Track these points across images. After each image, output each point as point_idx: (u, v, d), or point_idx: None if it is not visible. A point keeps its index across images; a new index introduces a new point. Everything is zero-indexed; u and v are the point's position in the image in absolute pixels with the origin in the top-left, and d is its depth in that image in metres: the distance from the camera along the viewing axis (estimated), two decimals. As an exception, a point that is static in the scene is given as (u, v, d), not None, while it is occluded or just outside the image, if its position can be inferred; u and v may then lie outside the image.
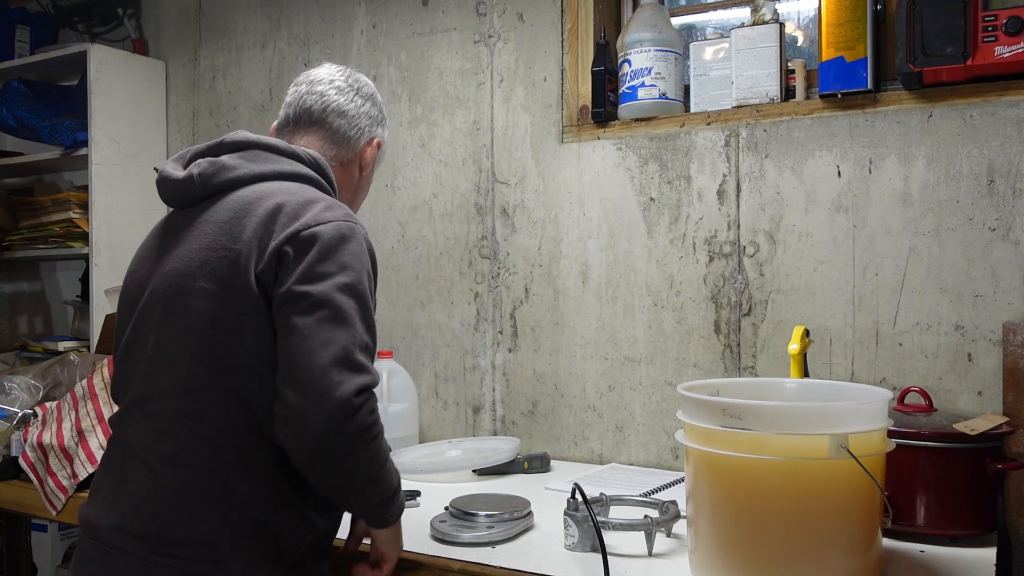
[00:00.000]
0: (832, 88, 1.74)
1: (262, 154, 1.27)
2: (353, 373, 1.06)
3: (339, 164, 1.40)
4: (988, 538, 1.38)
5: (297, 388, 1.06)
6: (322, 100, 1.39)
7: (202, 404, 1.13)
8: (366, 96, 1.44)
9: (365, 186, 1.49)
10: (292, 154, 1.29)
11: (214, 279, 1.14)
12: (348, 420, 1.05)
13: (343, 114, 1.40)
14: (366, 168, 1.45)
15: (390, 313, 2.34)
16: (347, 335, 1.08)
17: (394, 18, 2.35)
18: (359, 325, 1.10)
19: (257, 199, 1.19)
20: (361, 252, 1.16)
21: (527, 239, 2.13)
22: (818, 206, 1.79)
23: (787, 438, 1.10)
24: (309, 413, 1.05)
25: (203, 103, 2.73)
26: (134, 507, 1.13)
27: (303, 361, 1.06)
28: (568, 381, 2.07)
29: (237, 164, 1.24)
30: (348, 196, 1.43)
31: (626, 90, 1.99)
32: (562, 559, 1.31)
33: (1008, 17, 1.54)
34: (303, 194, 1.20)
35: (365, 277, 1.15)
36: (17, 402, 2.00)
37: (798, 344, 1.49)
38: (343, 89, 1.41)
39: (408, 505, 1.62)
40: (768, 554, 1.12)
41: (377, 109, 1.46)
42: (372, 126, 1.44)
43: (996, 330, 1.62)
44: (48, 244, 2.75)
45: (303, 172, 1.28)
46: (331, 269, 1.11)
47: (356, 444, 1.08)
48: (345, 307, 1.09)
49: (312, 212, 1.16)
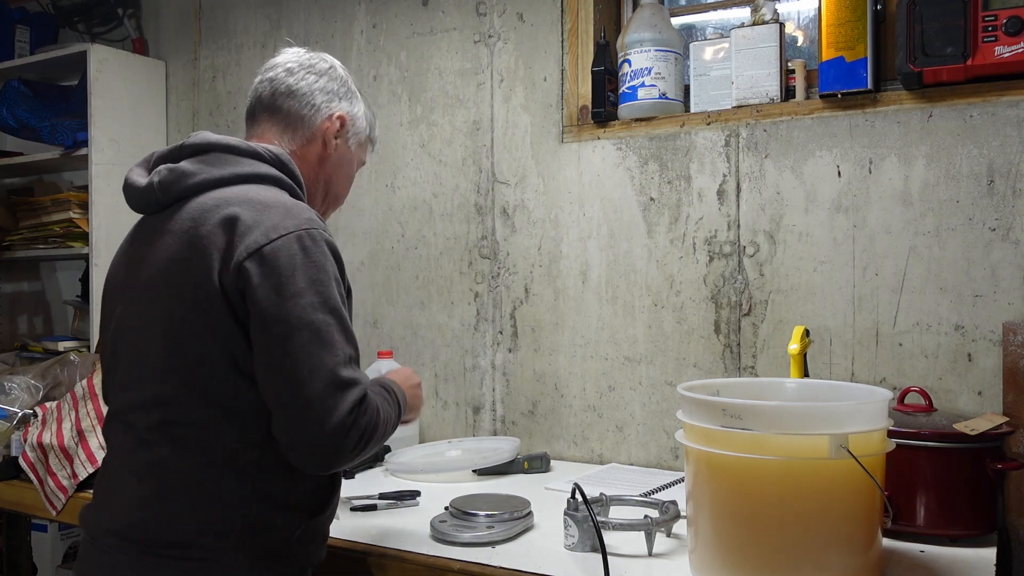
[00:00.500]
0: (832, 88, 1.74)
1: (222, 156, 1.24)
2: (343, 392, 1.09)
3: (300, 147, 1.34)
4: (988, 538, 1.38)
5: (293, 418, 1.09)
6: (271, 85, 1.34)
7: (179, 413, 1.14)
8: (320, 72, 1.36)
9: (341, 168, 1.40)
10: (252, 153, 1.25)
11: (177, 290, 1.15)
12: (346, 437, 1.09)
13: (292, 94, 1.33)
14: (330, 145, 1.36)
15: (390, 313, 2.34)
16: (331, 355, 1.09)
17: (394, 18, 2.35)
18: (339, 339, 1.11)
19: (215, 207, 1.16)
20: (325, 260, 1.14)
21: (527, 239, 2.13)
22: (818, 206, 1.79)
23: (787, 438, 1.10)
24: (309, 442, 1.09)
25: (203, 103, 2.73)
26: (124, 513, 1.17)
27: (295, 391, 1.08)
28: (568, 381, 2.07)
29: (196, 170, 1.22)
30: (320, 181, 1.37)
31: (626, 90, 1.98)
32: (562, 559, 1.31)
33: (1008, 17, 1.54)
34: (262, 199, 1.17)
35: (334, 285, 1.14)
36: (17, 402, 2.00)
37: (798, 344, 1.48)
38: (293, 70, 1.35)
39: (408, 505, 1.63)
40: (768, 554, 1.12)
41: (337, 83, 1.37)
42: (330, 101, 1.36)
43: (996, 330, 1.62)
44: (48, 244, 2.75)
45: (264, 172, 1.24)
46: (301, 286, 1.10)
47: (360, 449, 1.12)
48: (324, 327, 1.10)
49: (271, 221, 1.13)
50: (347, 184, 1.44)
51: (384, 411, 1.18)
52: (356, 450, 1.11)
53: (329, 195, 1.41)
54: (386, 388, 1.26)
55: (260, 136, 1.35)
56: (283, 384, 1.09)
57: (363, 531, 1.46)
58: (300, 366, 1.08)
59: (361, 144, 1.43)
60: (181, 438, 1.14)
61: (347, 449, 1.09)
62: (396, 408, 1.25)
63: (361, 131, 1.42)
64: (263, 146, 1.27)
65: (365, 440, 1.11)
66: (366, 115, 1.43)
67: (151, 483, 1.15)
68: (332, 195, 1.41)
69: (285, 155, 1.28)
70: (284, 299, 1.09)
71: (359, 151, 1.43)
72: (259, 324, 1.11)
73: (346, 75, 1.41)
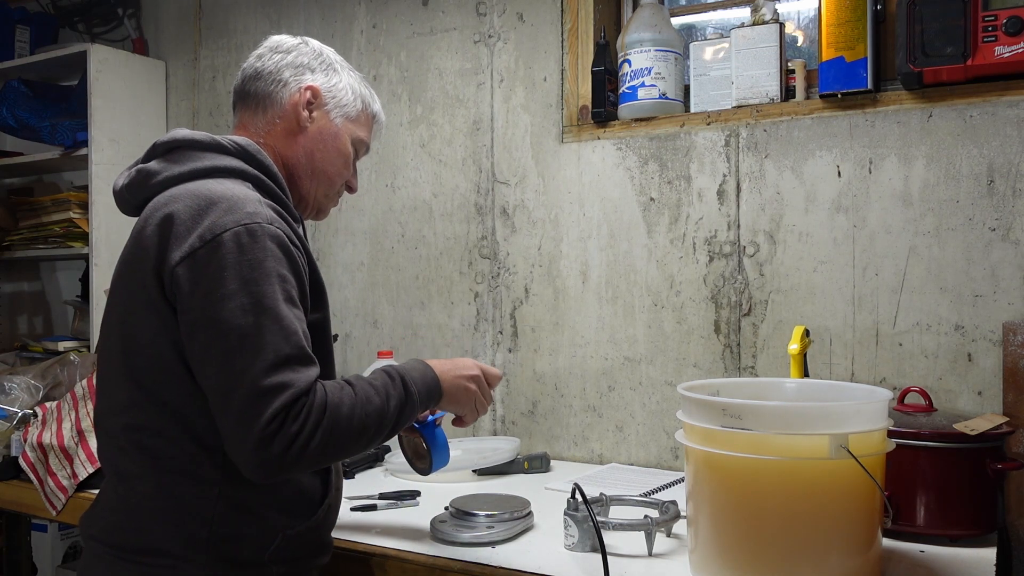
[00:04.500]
0: (832, 88, 1.74)
1: (185, 153, 1.21)
2: (264, 399, 1.02)
3: (272, 127, 1.30)
4: (988, 538, 1.38)
5: (223, 427, 1.06)
6: (241, 74, 1.33)
7: (140, 418, 1.14)
8: (288, 49, 1.32)
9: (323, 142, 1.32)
10: (215, 147, 1.21)
11: (128, 295, 1.15)
12: (269, 447, 1.01)
13: (258, 76, 1.30)
14: (302, 117, 1.29)
15: (390, 313, 2.34)
16: (256, 360, 1.03)
17: (394, 18, 2.35)
18: (271, 341, 1.04)
19: (162, 205, 1.13)
20: (265, 256, 1.07)
21: (527, 239, 2.13)
22: (818, 206, 1.79)
23: (787, 438, 1.10)
24: (238, 452, 1.05)
25: (203, 103, 2.73)
26: (103, 517, 1.18)
27: (221, 401, 1.05)
28: (568, 381, 2.07)
29: (160, 168, 1.20)
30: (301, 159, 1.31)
31: (626, 90, 1.98)
32: (562, 559, 1.31)
33: (1008, 17, 1.54)
34: (208, 195, 1.11)
35: (275, 283, 1.07)
36: (17, 402, 2.00)
37: (798, 344, 1.49)
38: (262, 55, 1.32)
39: (408, 505, 1.63)
40: (768, 554, 1.12)
41: (308, 57, 1.32)
42: (298, 75, 1.30)
43: (996, 330, 1.62)
44: (48, 244, 2.75)
45: (224, 165, 1.19)
46: (231, 288, 1.05)
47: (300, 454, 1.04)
48: (250, 330, 1.04)
49: (208, 220, 1.08)
50: (339, 160, 1.34)
51: (352, 404, 1.09)
52: (292, 457, 1.03)
53: (317, 173, 1.32)
54: (389, 373, 1.18)
55: (238, 126, 1.33)
56: (213, 394, 1.06)
57: (363, 531, 1.46)
58: (223, 374, 1.04)
59: (353, 119, 1.35)
60: (145, 444, 1.13)
61: (275, 459, 1.02)
62: (400, 394, 1.16)
63: (347, 104, 1.34)
64: (229, 138, 1.23)
65: (301, 444, 1.03)
66: (353, 87, 1.35)
67: (122, 489, 1.16)
68: (321, 174, 1.33)
69: (253, 145, 1.23)
70: (211, 304, 1.05)
71: (352, 126, 1.35)
72: (188, 332, 1.08)
73: (323, 49, 1.35)
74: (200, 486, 1.12)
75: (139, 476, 1.14)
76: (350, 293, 2.40)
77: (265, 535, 1.16)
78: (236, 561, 1.14)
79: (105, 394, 1.21)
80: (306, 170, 1.31)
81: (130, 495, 1.15)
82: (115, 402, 1.17)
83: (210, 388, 1.07)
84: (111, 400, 1.19)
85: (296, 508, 1.19)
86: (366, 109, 1.38)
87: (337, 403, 1.08)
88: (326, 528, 1.26)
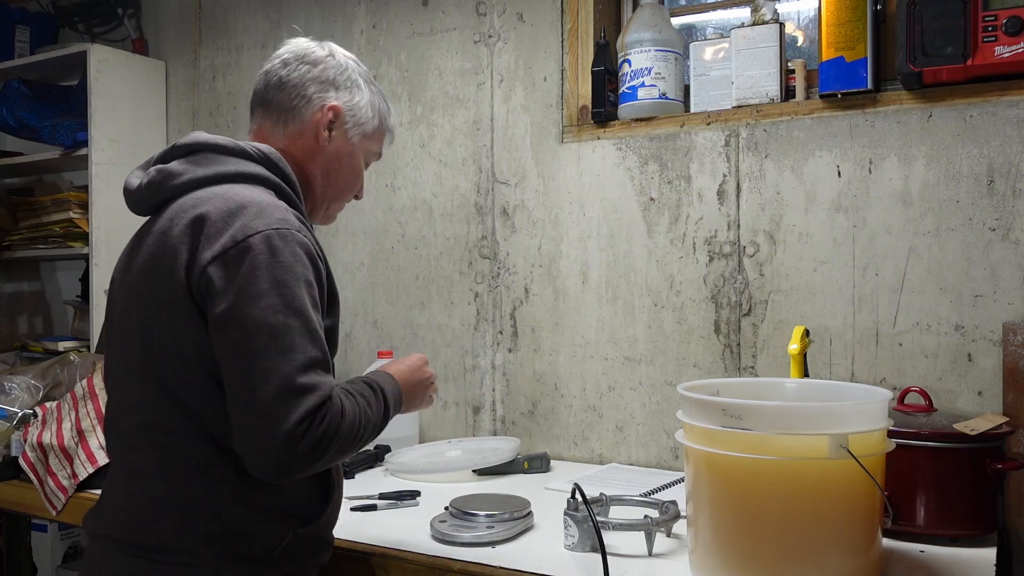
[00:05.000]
0: (832, 88, 1.74)
1: (209, 156, 1.22)
2: (297, 399, 1.04)
3: (291, 141, 1.30)
4: (988, 538, 1.38)
5: (245, 424, 1.06)
6: (265, 78, 1.32)
7: (156, 417, 1.14)
8: (315, 61, 1.31)
9: (340, 160, 1.34)
10: (240, 152, 1.22)
11: (151, 293, 1.15)
12: (297, 446, 1.03)
13: (282, 86, 1.30)
14: (321, 137, 1.30)
15: (390, 313, 2.34)
16: (288, 360, 1.05)
17: (394, 18, 2.35)
18: (301, 343, 1.06)
19: (191, 207, 1.14)
20: (295, 261, 1.10)
21: (527, 239, 2.13)
22: (818, 206, 1.79)
23: (787, 438, 1.10)
24: (259, 449, 1.05)
25: (203, 103, 2.73)
26: (113, 516, 1.18)
27: (247, 397, 1.05)
28: (568, 381, 2.07)
29: (183, 170, 1.20)
30: (316, 175, 1.32)
31: (626, 90, 1.98)
32: (562, 559, 1.31)
33: (1008, 17, 1.54)
34: (238, 199, 1.13)
35: (302, 287, 1.09)
36: (17, 402, 2.00)
37: (798, 344, 1.49)
38: (288, 61, 1.31)
39: (408, 505, 1.63)
40: (768, 554, 1.12)
41: (334, 71, 1.31)
42: (323, 91, 1.30)
43: (996, 330, 1.62)
44: (48, 244, 2.75)
45: (250, 171, 1.21)
46: (263, 287, 1.06)
47: (317, 457, 1.07)
48: (283, 330, 1.05)
49: (240, 222, 1.10)
50: (352, 177, 1.37)
51: (356, 415, 1.12)
52: (312, 459, 1.06)
53: (330, 189, 1.35)
54: (372, 386, 1.21)
55: (256, 131, 1.33)
56: (237, 389, 1.07)
57: (363, 531, 1.46)
58: (253, 370, 1.04)
59: (368, 135, 1.36)
60: (159, 443, 1.14)
61: (298, 458, 1.04)
62: (381, 408, 1.20)
63: (366, 121, 1.35)
64: (253, 144, 1.25)
65: (323, 448, 1.06)
66: (373, 103, 1.36)
67: (134, 488, 1.16)
68: (334, 189, 1.35)
69: (276, 154, 1.25)
70: (243, 301, 1.06)
71: (367, 142, 1.37)
72: (217, 327, 1.08)
73: (348, 63, 1.34)
74: (213, 485, 1.13)
75: (152, 474, 1.14)
76: (350, 293, 2.40)
77: (276, 533, 1.17)
78: (247, 558, 1.15)
79: (119, 392, 1.21)
80: (320, 184, 1.34)
81: (142, 493, 1.15)
82: (130, 400, 1.18)
83: (233, 383, 1.07)
84: (126, 398, 1.19)
85: (306, 507, 1.21)
86: (382, 124, 1.39)
87: (349, 411, 1.11)
88: (331, 526, 1.27)
